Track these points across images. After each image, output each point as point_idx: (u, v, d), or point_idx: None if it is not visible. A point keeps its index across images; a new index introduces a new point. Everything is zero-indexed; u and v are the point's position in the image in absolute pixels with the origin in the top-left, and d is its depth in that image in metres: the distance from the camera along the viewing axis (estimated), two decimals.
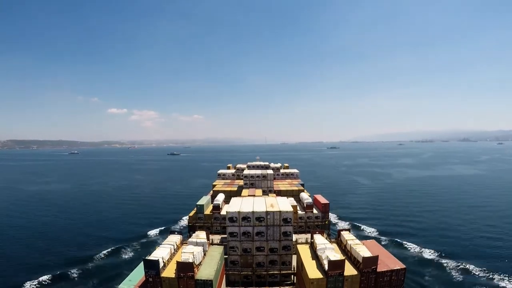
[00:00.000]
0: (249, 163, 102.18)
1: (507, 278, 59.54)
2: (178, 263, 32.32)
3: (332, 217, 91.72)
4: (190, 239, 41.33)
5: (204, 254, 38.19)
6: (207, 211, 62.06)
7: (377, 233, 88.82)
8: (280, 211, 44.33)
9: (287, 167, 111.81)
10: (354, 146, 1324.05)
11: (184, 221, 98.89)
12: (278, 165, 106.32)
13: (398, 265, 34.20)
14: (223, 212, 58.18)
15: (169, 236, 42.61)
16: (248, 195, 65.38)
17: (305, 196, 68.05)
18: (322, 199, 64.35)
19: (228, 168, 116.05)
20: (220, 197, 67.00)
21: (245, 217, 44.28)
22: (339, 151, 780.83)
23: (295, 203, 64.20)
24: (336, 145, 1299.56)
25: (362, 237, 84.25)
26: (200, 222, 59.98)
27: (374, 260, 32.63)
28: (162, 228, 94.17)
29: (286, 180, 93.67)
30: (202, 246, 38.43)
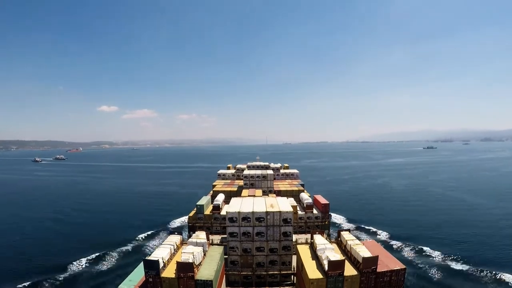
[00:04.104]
0: (249, 163, 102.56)
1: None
2: (178, 263, 32.29)
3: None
4: (190, 239, 41.28)
5: (204, 254, 38.13)
6: (207, 211, 62.07)
7: (378, 234, 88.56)
8: (280, 212, 44.32)
9: (287, 167, 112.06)
10: (450, 146, 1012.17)
11: (178, 222, 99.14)
12: (278, 165, 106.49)
13: (398, 265, 34.16)
14: (223, 212, 58.21)
15: (169, 236, 42.56)
16: (248, 195, 65.39)
17: (305, 196, 68.10)
18: (322, 200, 64.38)
19: (228, 168, 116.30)
20: (220, 197, 67.03)
21: (245, 217, 44.27)
22: (441, 156, 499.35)
23: (295, 203, 64.20)
24: (432, 145, 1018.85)
25: (363, 237, 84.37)
26: (200, 222, 59.98)
27: (374, 260, 32.61)
28: (156, 230, 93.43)
29: (286, 180, 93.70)
30: (202, 246, 38.36)
